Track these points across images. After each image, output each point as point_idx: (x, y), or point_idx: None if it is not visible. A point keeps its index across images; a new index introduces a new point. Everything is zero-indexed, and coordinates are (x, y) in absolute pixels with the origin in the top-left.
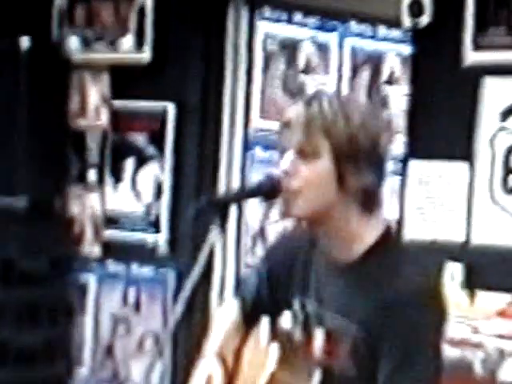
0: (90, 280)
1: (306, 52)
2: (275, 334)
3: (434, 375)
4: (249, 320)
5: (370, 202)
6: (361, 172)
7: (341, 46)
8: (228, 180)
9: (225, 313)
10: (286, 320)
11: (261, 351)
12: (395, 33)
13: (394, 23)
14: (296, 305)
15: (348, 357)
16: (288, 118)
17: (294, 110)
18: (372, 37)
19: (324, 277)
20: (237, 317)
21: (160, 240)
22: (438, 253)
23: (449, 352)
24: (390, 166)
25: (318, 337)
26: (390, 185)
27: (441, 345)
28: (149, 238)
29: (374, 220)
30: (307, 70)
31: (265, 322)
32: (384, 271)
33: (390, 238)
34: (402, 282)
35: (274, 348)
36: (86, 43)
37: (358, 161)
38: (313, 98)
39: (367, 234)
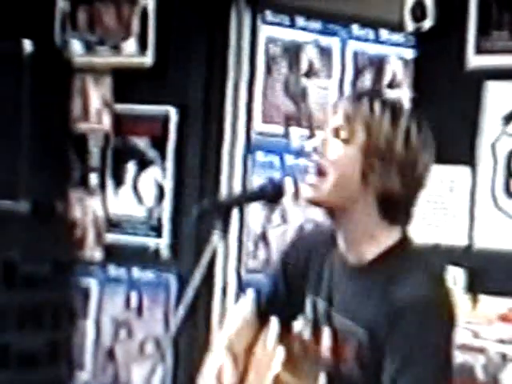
0: (92, 284)
1: (309, 56)
2: (285, 334)
3: (443, 381)
4: (263, 317)
5: (391, 209)
6: (387, 176)
7: (343, 49)
8: (230, 184)
9: (239, 308)
10: (296, 320)
11: (268, 353)
12: (398, 37)
13: (397, 27)
14: (308, 304)
15: (353, 359)
16: (338, 103)
17: (345, 102)
18: (374, 40)
19: (337, 277)
20: (251, 313)
21: (162, 244)
22: (440, 257)
23: None
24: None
25: (326, 336)
26: None
27: (450, 351)
28: (150, 242)
29: (394, 227)
30: (309, 73)
31: (274, 322)
32: (397, 277)
33: (406, 245)
34: (414, 288)
35: (280, 350)
36: (89, 47)
37: (387, 164)
38: (366, 94)
39: (384, 238)
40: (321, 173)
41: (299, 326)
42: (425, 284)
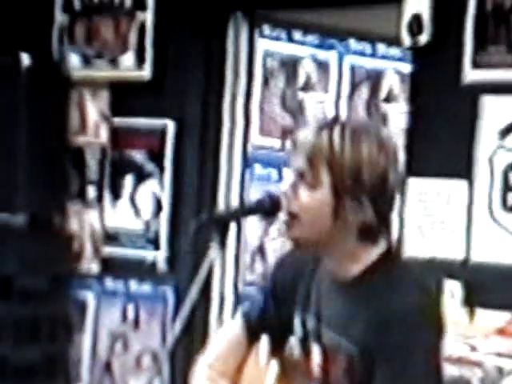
0: (89, 297)
1: (306, 70)
2: (276, 351)
3: None
4: (253, 336)
5: (369, 234)
6: (361, 208)
7: (340, 63)
8: (227, 197)
9: (227, 329)
10: (287, 337)
11: (260, 368)
12: (394, 51)
13: (394, 41)
14: (297, 321)
15: (343, 374)
16: (297, 140)
17: (305, 134)
18: (371, 55)
19: (325, 294)
20: (240, 333)
21: (159, 257)
22: (436, 270)
23: (447, 370)
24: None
25: (315, 353)
26: None
27: (440, 362)
28: (148, 254)
29: (376, 245)
30: (306, 87)
31: (265, 338)
32: (383, 290)
33: (391, 258)
34: (400, 300)
35: (274, 365)
36: (87, 60)
37: (359, 197)
38: (325, 126)
39: (367, 255)
40: (292, 215)
41: (290, 343)
42: (412, 296)
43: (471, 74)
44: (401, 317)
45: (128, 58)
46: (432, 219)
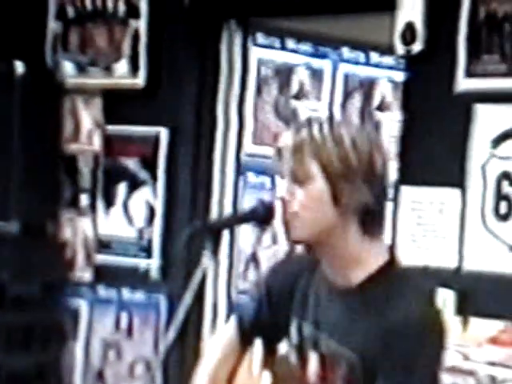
0: (82, 305)
1: (299, 78)
2: (269, 358)
3: None
4: (246, 340)
5: (370, 221)
6: (357, 190)
7: (334, 72)
8: (220, 205)
9: (221, 334)
10: (282, 343)
11: (253, 378)
12: (388, 59)
13: (387, 50)
14: (293, 327)
15: (343, 383)
16: (279, 146)
17: (285, 138)
18: (365, 63)
19: (323, 301)
20: (233, 337)
21: (152, 265)
22: (429, 279)
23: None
24: (389, 188)
25: (313, 361)
26: None
27: (439, 372)
28: (141, 262)
29: (378, 245)
30: (300, 95)
31: (258, 346)
32: (385, 299)
33: (394, 267)
34: (403, 311)
35: (267, 375)
36: (80, 68)
37: (352, 179)
38: (303, 125)
39: (370, 260)
40: (292, 215)
41: (284, 349)
42: (416, 307)
43: (464, 83)
44: (404, 327)
45: (122, 66)
46: (425, 227)
